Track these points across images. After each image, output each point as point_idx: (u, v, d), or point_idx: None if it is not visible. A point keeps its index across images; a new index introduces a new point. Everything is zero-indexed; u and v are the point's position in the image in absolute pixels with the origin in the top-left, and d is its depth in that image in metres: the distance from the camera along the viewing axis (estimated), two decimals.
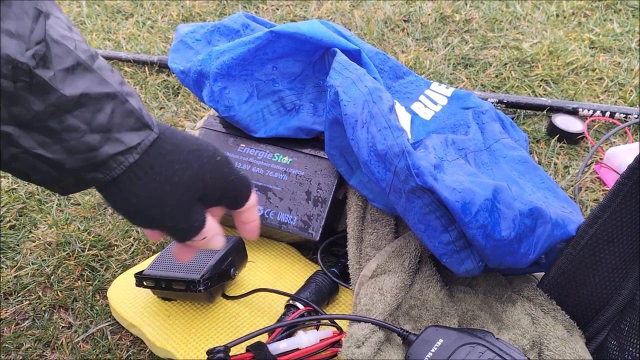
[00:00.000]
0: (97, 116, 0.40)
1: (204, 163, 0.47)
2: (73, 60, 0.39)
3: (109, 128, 0.41)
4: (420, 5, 1.30)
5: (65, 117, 0.39)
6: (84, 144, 0.40)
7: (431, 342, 0.52)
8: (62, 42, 0.39)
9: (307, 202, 0.68)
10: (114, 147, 0.41)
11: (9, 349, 0.63)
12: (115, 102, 0.41)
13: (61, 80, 0.39)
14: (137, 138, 0.43)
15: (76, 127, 0.40)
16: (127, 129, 0.42)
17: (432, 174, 0.53)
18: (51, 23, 0.39)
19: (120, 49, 1.18)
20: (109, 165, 0.42)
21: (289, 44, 0.67)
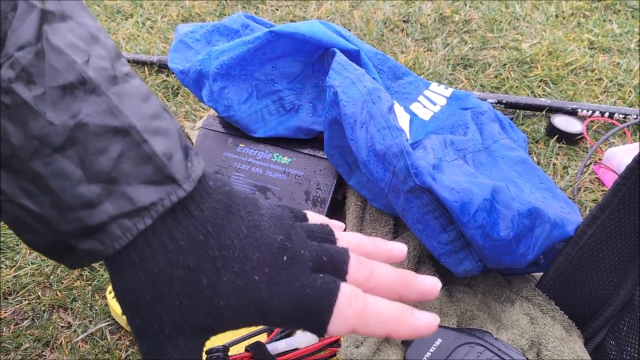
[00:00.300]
0: (98, 159, 0.29)
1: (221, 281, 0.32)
2: (75, 76, 0.29)
3: (113, 178, 0.30)
4: (420, 5, 1.30)
5: (54, 157, 0.28)
6: (76, 197, 0.29)
7: (430, 341, 0.52)
8: (66, 51, 0.29)
9: (306, 202, 0.68)
10: (118, 205, 0.30)
11: (9, 348, 0.63)
12: (127, 141, 0.30)
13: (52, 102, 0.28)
14: (154, 195, 0.30)
15: (67, 172, 0.29)
16: (141, 180, 0.30)
17: (431, 174, 0.53)
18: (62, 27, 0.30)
19: (120, 49, 1.18)
20: (110, 231, 0.30)
21: (288, 44, 0.67)
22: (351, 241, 0.39)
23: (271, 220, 0.35)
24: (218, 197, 0.33)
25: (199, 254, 0.31)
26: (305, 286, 0.33)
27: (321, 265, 0.35)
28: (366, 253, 0.39)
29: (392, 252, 0.41)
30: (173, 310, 0.31)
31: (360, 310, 0.34)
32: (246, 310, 0.33)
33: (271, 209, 0.36)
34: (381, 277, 0.37)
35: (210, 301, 0.32)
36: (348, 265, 0.35)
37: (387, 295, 0.36)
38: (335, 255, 0.35)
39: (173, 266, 0.31)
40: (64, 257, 0.31)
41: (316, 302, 0.33)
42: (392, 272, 0.37)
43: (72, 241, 0.30)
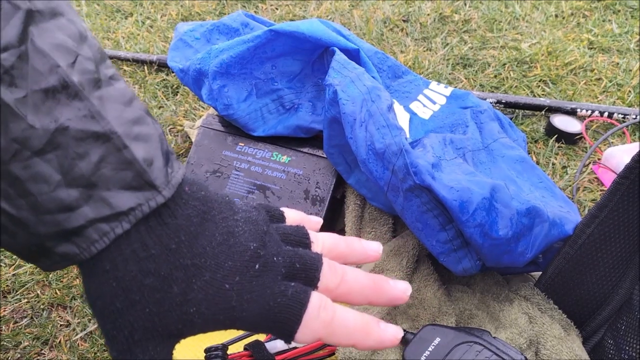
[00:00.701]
0: (78, 164, 0.29)
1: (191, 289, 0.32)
2: (57, 80, 0.29)
3: (92, 182, 0.30)
4: (419, 5, 1.30)
5: (33, 160, 0.28)
6: (54, 200, 0.29)
7: (428, 340, 0.52)
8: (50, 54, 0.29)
9: (306, 201, 0.68)
10: (97, 209, 0.30)
11: (8, 347, 0.63)
12: (108, 146, 0.30)
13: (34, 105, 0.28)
14: (132, 200, 0.31)
15: (46, 175, 0.29)
16: (120, 185, 0.30)
17: (430, 173, 0.53)
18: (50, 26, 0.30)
19: (120, 48, 1.18)
20: (86, 234, 0.30)
21: (288, 43, 0.67)
22: (326, 242, 0.39)
23: (246, 225, 0.35)
24: (193, 203, 0.33)
25: (171, 263, 0.32)
26: (276, 295, 0.34)
27: (294, 272, 0.35)
28: (341, 254, 0.40)
29: (367, 251, 0.41)
30: (143, 318, 0.32)
31: (328, 321, 0.35)
32: (216, 317, 0.33)
33: (247, 211, 0.36)
34: (352, 283, 0.37)
35: (180, 308, 0.32)
36: (320, 272, 0.36)
37: (357, 301, 0.38)
38: (308, 262, 0.36)
39: (144, 274, 0.31)
40: (39, 260, 0.31)
41: (286, 311, 0.34)
42: (363, 278, 0.38)
43: (49, 244, 0.30)
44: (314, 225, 0.43)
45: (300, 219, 0.42)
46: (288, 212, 0.41)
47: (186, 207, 0.33)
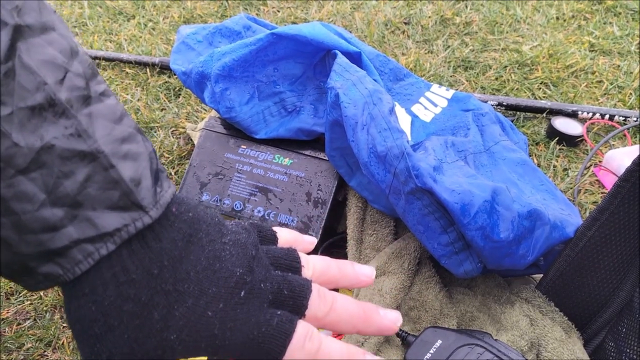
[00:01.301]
0: (63, 183, 0.29)
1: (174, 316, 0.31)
2: (43, 98, 0.28)
3: (78, 202, 0.29)
4: (421, 7, 1.31)
5: (17, 179, 0.28)
6: (38, 220, 0.28)
7: (430, 343, 0.52)
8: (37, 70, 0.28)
9: (308, 204, 0.68)
10: (82, 229, 0.29)
11: (11, 348, 0.63)
12: (94, 166, 0.30)
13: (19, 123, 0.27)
14: (118, 221, 0.30)
15: (30, 194, 0.28)
16: (106, 205, 0.30)
17: (432, 176, 0.53)
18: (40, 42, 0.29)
19: (122, 50, 1.18)
20: (70, 255, 0.29)
21: (290, 46, 0.68)
22: (317, 266, 0.38)
23: (234, 248, 0.34)
24: (179, 225, 0.33)
25: (152, 288, 0.31)
26: (261, 324, 0.33)
27: (281, 298, 0.35)
28: (332, 278, 0.39)
29: (359, 276, 0.40)
30: (122, 344, 0.31)
31: (313, 352, 0.34)
32: (197, 344, 0.32)
33: (236, 233, 0.35)
34: (340, 312, 0.36)
35: (160, 335, 0.31)
36: (308, 300, 0.35)
37: (345, 330, 0.37)
38: (296, 289, 0.35)
39: (124, 299, 0.30)
40: (22, 279, 0.31)
41: (270, 342, 0.33)
42: (353, 307, 0.37)
43: (32, 264, 0.29)
44: (306, 246, 0.42)
45: (293, 240, 0.41)
46: (281, 232, 0.41)
47: (172, 230, 0.32)
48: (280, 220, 0.68)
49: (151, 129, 0.95)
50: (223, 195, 0.69)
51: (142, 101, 1.02)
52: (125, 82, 1.07)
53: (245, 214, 0.69)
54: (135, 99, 1.02)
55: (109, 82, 1.08)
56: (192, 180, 0.71)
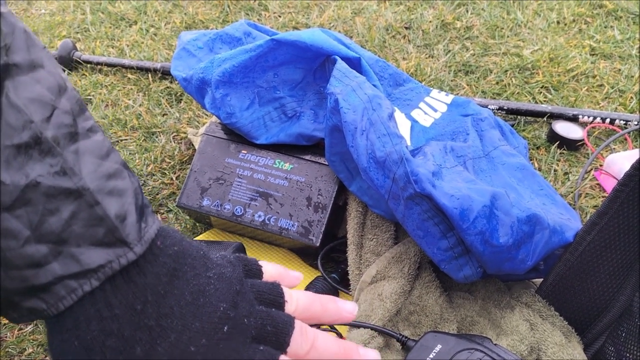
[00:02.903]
0: (48, 220, 0.29)
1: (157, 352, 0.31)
2: (29, 136, 0.29)
3: (62, 239, 0.29)
4: (422, 12, 1.31)
5: (2, 216, 0.28)
6: (23, 256, 0.29)
7: (430, 347, 0.52)
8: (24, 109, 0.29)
9: (308, 208, 0.68)
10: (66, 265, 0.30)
11: (12, 353, 0.63)
12: (79, 203, 0.30)
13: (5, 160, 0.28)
14: (102, 257, 0.30)
15: (15, 232, 0.28)
16: (90, 242, 0.30)
17: (431, 181, 0.53)
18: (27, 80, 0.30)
19: (124, 56, 1.19)
20: (54, 291, 0.30)
21: (289, 52, 0.68)
22: (300, 302, 0.39)
23: (219, 283, 0.34)
24: (164, 260, 0.33)
25: (135, 323, 0.31)
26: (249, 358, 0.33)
27: (264, 334, 0.35)
28: (315, 314, 0.39)
29: (342, 312, 0.41)
30: None
31: None
32: None
33: (221, 267, 0.35)
34: (321, 350, 0.37)
35: None
36: (291, 337, 0.35)
37: None
38: (279, 325, 0.35)
39: (106, 334, 0.30)
40: (7, 312, 0.31)
41: None
42: (334, 346, 0.38)
43: (16, 298, 0.30)
44: (292, 281, 0.42)
45: (278, 275, 0.41)
46: (267, 266, 0.40)
47: (156, 264, 0.32)
48: (280, 224, 0.68)
49: (153, 134, 0.96)
50: (224, 200, 0.70)
51: (143, 106, 1.02)
52: (127, 87, 1.08)
53: (246, 219, 0.69)
54: (137, 104, 1.03)
55: (111, 87, 1.08)
56: (193, 185, 0.71)
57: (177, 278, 0.33)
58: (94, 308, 0.30)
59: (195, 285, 0.33)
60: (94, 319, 0.30)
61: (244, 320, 0.34)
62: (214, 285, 0.34)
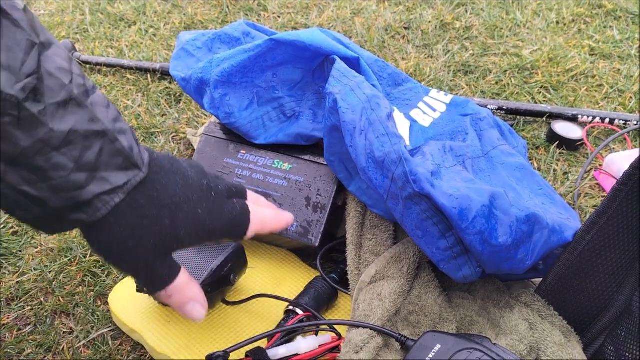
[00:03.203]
0: (85, 154, 0.39)
1: (178, 218, 0.45)
2: (66, 95, 0.38)
3: (96, 167, 0.40)
4: (421, 12, 1.31)
5: (52, 154, 0.38)
6: (69, 182, 0.39)
7: (429, 347, 0.52)
8: (57, 75, 0.38)
9: (307, 208, 0.68)
10: (100, 186, 0.40)
11: (11, 354, 0.63)
12: (105, 140, 0.40)
13: (51, 114, 0.37)
14: (124, 177, 0.42)
15: (63, 165, 0.38)
16: (115, 168, 0.41)
17: (429, 181, 0.53)
18: (50, 54, 0.39)
19: (123, 56, 1.19)
20: (93, 205, 0.41)
21: (288, 52, 0.68)
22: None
23: (192, 170, 0.48)
24: (155, 169, 0.45)
25: (156, 205, 0.44)
26: (231, 210, 0.49)
27: (232, 193, 0.51)
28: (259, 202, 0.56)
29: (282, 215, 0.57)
30: (150, 246, 0.44)
31: (259, 219, 0.52)
32: (197, 233, 0.46)
33: (186, 161, 0.49)
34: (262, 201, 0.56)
35: (173, 233, 0.45)
36: (247, 192, 0.54)
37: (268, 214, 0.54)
38: (238, 186, 0.53)
39: (141, 217, 0.43)
40: (51, 227, 0.42)
41: (240, 219, 0.50)
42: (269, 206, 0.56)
43: (64, 214, 0.40)
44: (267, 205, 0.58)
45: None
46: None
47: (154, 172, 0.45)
48: None
49: (152, 135, 0.96)
50: None
51: (143, 107, 1.02)
52: (127, 88, 1.08)
53: None
54: (136, 105, 1.03)
55: (110, 88, 1.08)
56: None
57: (168, 173, 0.46)
58: (126, 204, 0.42)
59: (180, 174, 0.46)
60: (128, 210, 0.42)
61: (218, 187, 0.49)
62: (191, 172, 0.47)
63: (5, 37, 0.36)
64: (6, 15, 0.36)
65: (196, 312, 0.48)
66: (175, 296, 0.47)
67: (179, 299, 0.48)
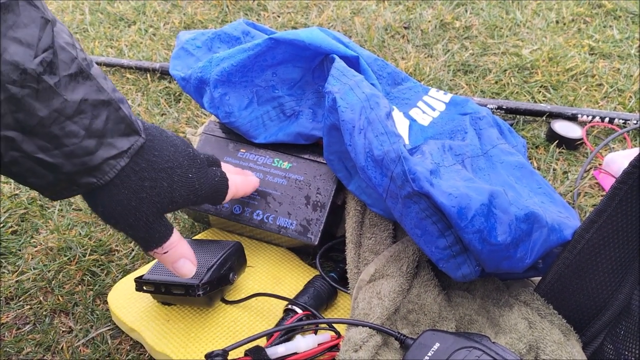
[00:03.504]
0: (94, 122, 0.43)
1: (174, 181, 0.50)
2: (76, 67, 0.42)
3: (103, 133, 0.44)
4: (421, 12, 1.31)
5: (66, 123, 0.41)
6: (81, 148, 0.42)
7: (428, 346, 0.52)
8: (67, 49, 0.42)
9: (307, 207, 0.68)
10: (108, 151, 0.44)
11: (10, 353, 0.63)
12: (110, 109, 0.44)
13: (64, 86, 0.41)
14: (127, 143, 0.46)
15: (76, 132, 0.42)
16: (119, 134, 0.45)
17: (428, 180, 0.53)
18: (58, 30, 0.42)
19: (123, 56, 1.19)
20: (102, 169, 0.44)
21: (288, 51, 0.68)
22: None
23: (177, 138, 0.53)
24: (149, 136, 0.49)
25: (155, 169, 0.48)
26: (215, 176, 0.56)
27: (211, 162, 0.57)
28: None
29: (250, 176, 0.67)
30: (151, 207, 0.48)
31: (234, 185, 0.59)
32: (189, 196, 0.52)
33: (170, 131, 0.53)
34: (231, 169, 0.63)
35: (170, 194, 0.50)
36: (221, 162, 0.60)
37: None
38: (213, 156, 0.59)
39: (143, 180, 0.47)
40: (62, 193, 0.45)
41: (222, 185, 0.57)
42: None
43: (76, 177, 0.44)
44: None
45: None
46: None
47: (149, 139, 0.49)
48: (279, 223, 0.68)
49: None
50: None
51: (142, 106, 1.02)
52: (126, 87, 1.08)
53: (245, 218, 0.69)
54: (136, 104, 1.03)
55: None
56: None
57: (160, 141, 0.50)
58: (129, 168, 0.46)
59: (170, 142, 0.51)
60: (132, 173, 0.46)
61: (200, 155, 0.54)
62: (176, 140, 0.52)
63: (22, 15, 0.39)
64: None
65: (187, 267, 0.53)
66: (170, 252, 0.51)
67: (173, 255, 0.52)
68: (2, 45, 0.38)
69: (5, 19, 0.38)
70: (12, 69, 0.38)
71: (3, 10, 0.38)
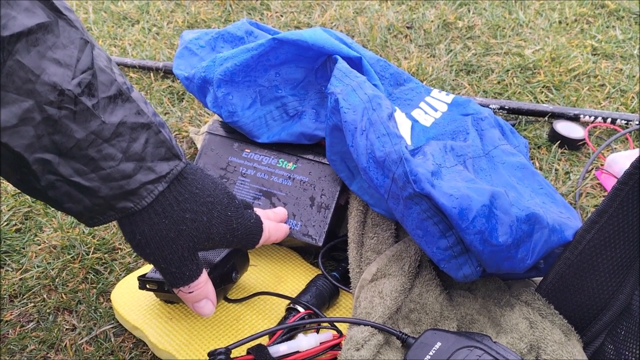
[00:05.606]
0: (133, 145, 0.42)
1: (213, 217, 0.49)
2: (115, 90, 0.41)
3: (142, 157, 0.43)
4: (423, 12, 1.31)
5: (103, 145, 0.41)
6: (119, 172, 0.42)
7: (429, 345, 0.52)
8: (107, 71, 0.41)
9: (311, 208, 0.68)
10: (146, 175, 0.43)
11: (14, 350, 0.64)
12: (149, 132, 0.43)
13: (103, 108, 0.40)
14: (167, 167, 0.45)
15: (113, 155, 0.41)
16: (159, 158, 0.44)
17: (430, 181, 0.53)
18: (97, 53, 0.41)
19: (126, 55, 1.19)
20: (139, 193, 0.43)
21: (291, 51, 0.68)
22: None
23: (216, 177, 0.52)
24: (191, 169, 0.48)
25: (197, 202, 0.47)
26: (251, 218, 0.54)
27: (246, 206, 0.56)
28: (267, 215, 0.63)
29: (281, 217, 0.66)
30: (188, 240, 0.47)
31: (267, 229, 0.57)
32: (225, 235, 0.51)
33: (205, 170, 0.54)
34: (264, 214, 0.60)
35: (208, 230, 0.49)
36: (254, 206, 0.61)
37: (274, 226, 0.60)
38: (246, 201, 0.59)
39: (184, 211, 0.46)
40: (96, 218, 0.44)
41: (257, 228, 0.55)
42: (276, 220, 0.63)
43: (112, 202, 0.43)
44: None
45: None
46: None
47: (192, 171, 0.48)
48: None
49: None
50: None
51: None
52: None
53: None
54: None
55: None
56: None
57: (202, 175, 0.49)
58: (172, 196, 0.45)
59: (210, 179, 0.50)
60: (173, 203, 0.46)
61: (237, 196, 0.53)
62: (216, 179, 0.51)
63: (62, 36, 0.39)
64: (62, 16, 0.39)
65: (207, 308, 0.52)
66: (195, 292, 0.50)
67: (197, 296, 0.51)
68: (41, 66, 0.37)
69: (45, 39, 0.38)
70: (49, 90, 0.37)
71: (43, 31, 0.38)
